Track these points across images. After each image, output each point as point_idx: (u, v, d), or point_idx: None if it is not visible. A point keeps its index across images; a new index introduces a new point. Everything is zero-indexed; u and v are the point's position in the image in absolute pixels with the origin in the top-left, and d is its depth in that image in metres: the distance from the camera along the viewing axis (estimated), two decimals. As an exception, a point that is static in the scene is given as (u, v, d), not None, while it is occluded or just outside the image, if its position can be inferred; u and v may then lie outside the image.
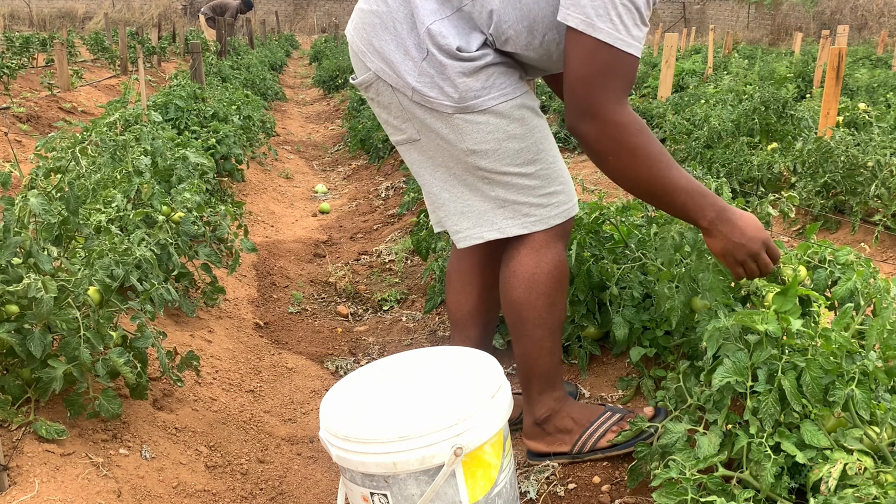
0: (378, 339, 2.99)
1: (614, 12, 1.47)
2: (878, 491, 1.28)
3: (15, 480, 1.58)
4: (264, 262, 3.84)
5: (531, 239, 1.80)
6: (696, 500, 1.38)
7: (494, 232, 1.80)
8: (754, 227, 1.63)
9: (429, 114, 1.70)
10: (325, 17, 29.23)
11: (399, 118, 1.76)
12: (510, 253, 1.84)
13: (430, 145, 1.76)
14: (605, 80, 1.51)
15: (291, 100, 11.68)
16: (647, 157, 1.54)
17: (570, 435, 1.92)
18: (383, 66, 1.70)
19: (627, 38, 1.49)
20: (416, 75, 1.66)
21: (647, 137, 1.54)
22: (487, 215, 1.79)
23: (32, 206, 1.87)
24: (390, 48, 1.68)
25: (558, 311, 1.86)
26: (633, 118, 1.54)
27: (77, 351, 1.74)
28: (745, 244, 1.62)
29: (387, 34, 1.69)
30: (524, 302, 1.82)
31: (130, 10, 26.73)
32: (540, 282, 1.81)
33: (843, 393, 1.39)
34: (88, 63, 11.87)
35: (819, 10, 22.10)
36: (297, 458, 2.15)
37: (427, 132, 1.74)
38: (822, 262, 1.91)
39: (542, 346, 1.86)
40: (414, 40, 1.66)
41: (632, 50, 1.51)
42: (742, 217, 1.62)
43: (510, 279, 1.84)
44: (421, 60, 1.66)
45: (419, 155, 1.81)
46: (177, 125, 4.90)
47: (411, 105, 1.71)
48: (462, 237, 1.84)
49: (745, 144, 4.94)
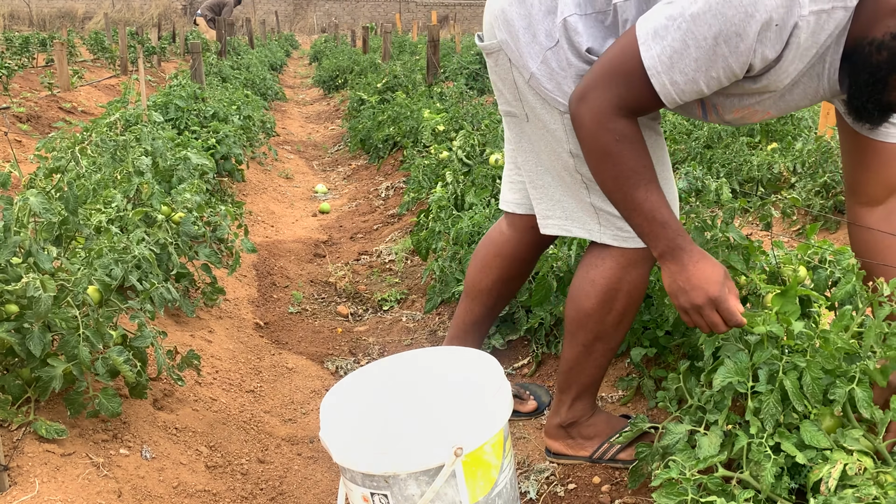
0: (378, 339, 2.99)
1: (670, 46, 1.36)
2: (878, 491, 1.28)
3: (15, 480, 1.58)
4: (264, 262, 3.84)
5: (621, 253, 1.71)
6: (696, 500, 1.38)
7: (584, 232, 1.74)
8: (704, 279, 1.47)
9: (540, 103, 1.64)
10: (325, 17, 29.23)
11: (512, 94, 1.70)
12: (593, 260, 1.75)
13: (536, 132, 1.70)
14: (618, 83, 1.44)
15: (291, 100, 11.68)
16: (615, 166, 1.47)
17: (591, 442, 1.92)
18: (509, 39, 1.63)
19: (663, 77, 1.39)
20: (539, 62, 1.60)
21: (627, 148, 1.46)
22: (579, 214, 1.73)
23: (32, 206, 1.87)
24: (521, 25, 1.61)
25: (623, 331, 1.79)
26: (623, 127, 1.46)
27: (76, 350, 1.74)
28: (688, 292, 1.48)
29: (522, 8, 1.61)
30: (594, 313, 1.75)
31: (130, 10, 26.72)
32: (617, 298, 1.73)
33: (843, 392, 1.39)
34: (88, 63, 11.88)
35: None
36: (297, 458, 2.15)
37: (535, 119, 1.68)
38: (823, 262, 1.91)
39: (596, 359, 1.82)
40: (547, 26, 1.59)
41: (657, 86, 1.41)
42: (697, 263, 1.48)
43: (587, 287, 1.75)
44: (548, 49, 1.59)
45: (524, 134, 1.75)
46: (177, 125, 4.90)
47: (526, 87, 1.65)
48: (549, 224, 1.79)
49: (744, 144, 4.93)
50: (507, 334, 2.61)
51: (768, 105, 1.50)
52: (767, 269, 1.98)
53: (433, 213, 3.40)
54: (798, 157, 4.43)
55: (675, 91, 1.41)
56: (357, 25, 21.38)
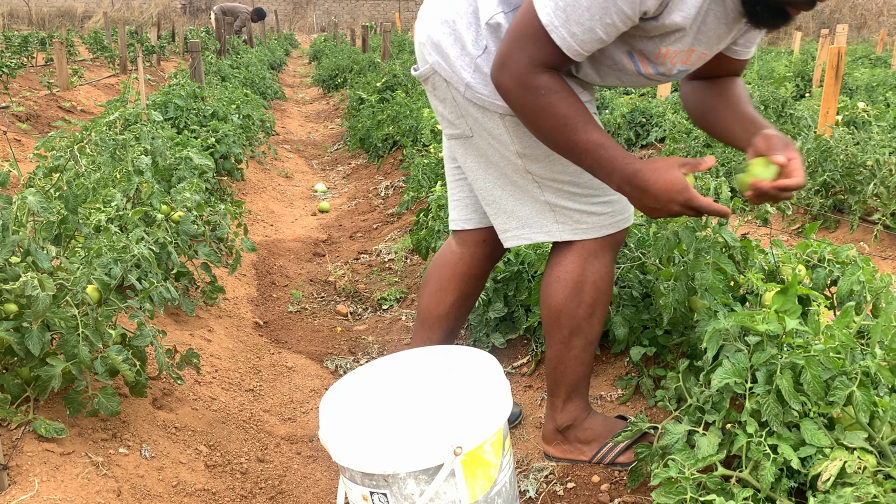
0: (378, 338, 2.99)
1: (562, 0, 1.43)
2: (877, 490, 1.28)
3: (15, 480, 1.58)
4: (264, 261, 3.84)
5: (581, 246, 1.76)
6: (695, 499, 1.38)
7: (542, 235, 1.78)
8: (669, 190, 1.48)
9: (481, 112, 1.68)
10: (325, 17, 29.23)
11: (454, 113, 1.75)
12: (556, 259, 1.80)
13: (483, 143, 1.73)
14: (527, 44, 1.48)
15: (291, 99, 11.67)
16: (552, 117, 1.50)
17: (589, 446, 1.91)
18: (440, 59, 1.69)
19: (561, 30, 1.45)
20: (472, 71, 1.65)
21: (555, 98, 1.50)
22: (537, 217, 1.76)
23: (31, 205, 1.87)
24: (448, 42, 1.67)
25: (598, 322, 1.82)
26: (546, 81, 1.49)
27: (76, 349, 1.73)
28: (659, 208, 1.51)
29: (447, 27, 1.67)
30: (564, 309, 1.78)
31: (130, 9, 26.71)
32: (584, 290, 1.76)
33: (843, 394, 1.39)
34: (88, 62, 11.87)
35: (818, 9, 22.09)
36: (296, 457, 2.15)
37: (480, 130, 1.72)
38: (822, 261, 1.91)
39: (576, 355, 1.83)
40: (472, 35, 1.65)
41: (558, 40, 1.45)
42: (656, 182, 1.48)
43: (553, 284, 1.79)
44: (477, 56, 1.64)
45: (472, 152, 1.78)
46: (176, 124, 4.90)
47: (464, 101, 1.69)
48: (509, 237, 1.83)
49: (744, 143, 4.92)
50: (507, 333, 2.61)
51: (690, 41, 1.54)
52: (766, 269, 1.98)
53: (433, 211, 3.40)
54: (797, 156, 4.42)
55: (576, 42, 1.45)
56: (357, 24, 21.37)
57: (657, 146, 6.55)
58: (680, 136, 5.50)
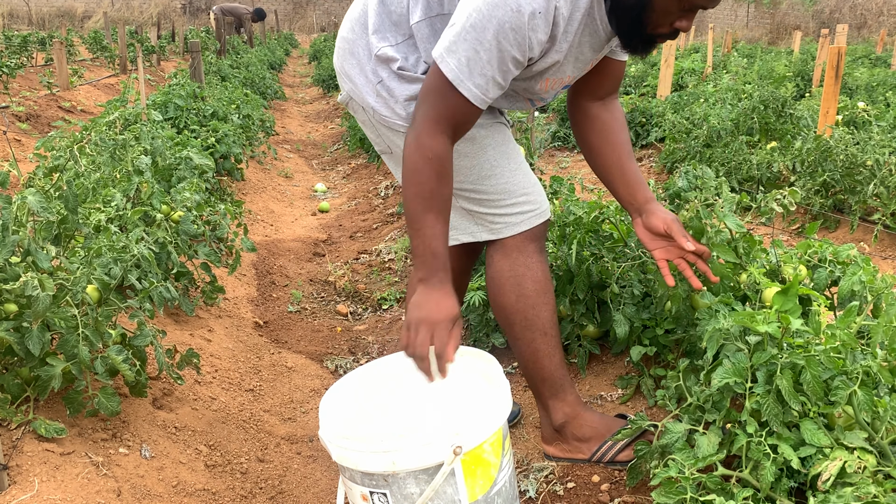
0: (377, 337, 2.99)
1: (464, 56, 1.54)
2: (877, 489, 1.28)
3: (15, 480, 1.58)
4: (264, 261, 3.84)
5: (502, 244, 1.87)
6: (695, 498, 1.38)
7: (467, 236, 1.90)
8: (440, 307, 1.55)
9: (391, 132, 1.82)
10: (325, 16, 29.24)
11: (373, 133, 1.89)
12: (488, 261, 1.90)
13: (399, 158, 1.84)
14: (436, 100, 1.59)
15: (291, 99, 11.67)
16: (419, 185, 1.59)
17: (587, 444, 1.92)
18: (352, 87, 1.84)
19: (467, 83, 1.55)
20: (374, 96, 1.80)
21: (434, 170, 1.58)
22: (460, 221, 1.88)
23: (30, 205, 1.87)
24: (355, 72, 1.83)
25: (544, 312, 1.87)
26: (437, 146, 1.58)
27: (76, 349, 1.73)
28: (420, 309, 1.55)
29: (353, 59, 1.83)
30: (506, 305, 1.87)
31: (130, 8, 26.71)
32: (516, 284, 1.85)
33: (844, 394, 1.39)
34: (88, 62, 11.87)
35: (818, 9, 22.11)
36: (296, 457, 2.15)
37: (395, 147, 1.84)
38: (823, 261, 1.91)
39: (536, 348, 1.88)
40: (372, 66, 1.80)
41: (465, 92, 1.56)
42: (442, 298, 1.56)
43: (489, 284, 1.90)
44: (376, 83, 1.79)
45: (395, 165, 1.91)
46: (176, 124, 4.90)
47: (377, 123, 1.84)
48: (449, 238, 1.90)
49: (744, 143, 4.93)
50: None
51: (569, 70, 1.72)
52: (767, 268, 1.98)
53: (432, 211, 3.40)
54: (797, 156, 4.43)
55: (481, 91, 1.58)
56: (356, 24, 21.31)
57: (657, 146, 6.55)
58: (680, 136, 5.50)
